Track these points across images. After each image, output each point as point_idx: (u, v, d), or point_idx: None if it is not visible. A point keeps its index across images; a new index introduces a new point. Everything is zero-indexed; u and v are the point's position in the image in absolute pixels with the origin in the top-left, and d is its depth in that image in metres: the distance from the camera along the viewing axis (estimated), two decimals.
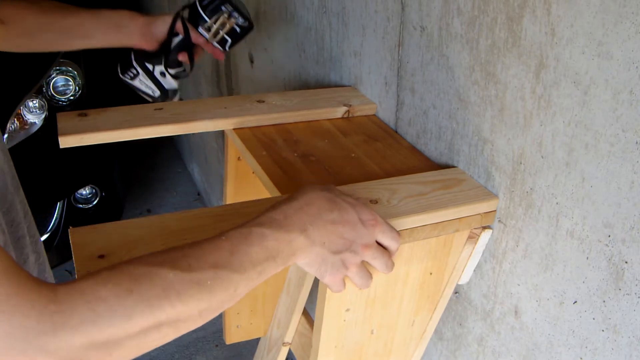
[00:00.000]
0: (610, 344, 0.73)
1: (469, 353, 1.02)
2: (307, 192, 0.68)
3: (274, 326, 1.09)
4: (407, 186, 0.87)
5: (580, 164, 0.72)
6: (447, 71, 0.92)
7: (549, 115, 0.75)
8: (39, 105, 2.10)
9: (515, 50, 0.78)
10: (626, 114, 0.65)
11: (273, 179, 0.92)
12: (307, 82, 1.41)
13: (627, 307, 0.70)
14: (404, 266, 0.88)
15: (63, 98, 2.18)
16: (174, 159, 3.24)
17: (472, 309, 0.98)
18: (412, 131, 1.05)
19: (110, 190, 2.44)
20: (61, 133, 0.97)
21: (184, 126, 1.03)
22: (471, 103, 0.88)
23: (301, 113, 1.10)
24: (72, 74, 2.18)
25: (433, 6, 0.92)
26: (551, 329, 0.83)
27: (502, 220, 0.87)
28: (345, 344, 0.91)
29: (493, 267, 0.91)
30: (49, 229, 2.21)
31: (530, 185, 0.81)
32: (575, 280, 0.77)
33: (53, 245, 2.21)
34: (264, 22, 1.59)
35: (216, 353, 2.11)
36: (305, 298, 0.97)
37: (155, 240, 0.72)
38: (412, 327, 0.97)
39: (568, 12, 0.69)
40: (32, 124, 2.09)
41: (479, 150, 0.89)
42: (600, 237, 0.72)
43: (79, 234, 0.72)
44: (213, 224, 0.75)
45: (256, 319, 1.43)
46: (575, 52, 0.69)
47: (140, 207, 2.86)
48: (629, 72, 0.63)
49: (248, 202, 0.81)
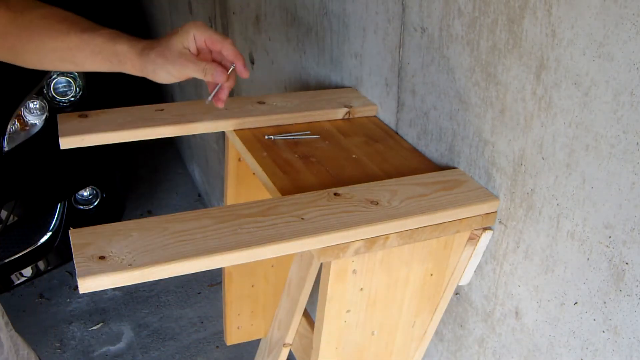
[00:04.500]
0: (611, 345, 0.73)
1: (469, 354, 1.02)
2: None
3: (275, 327, 1.09)
4: (407, 187, 0.87)
5: (581, 165, 0.72)
6: (448, 72, 0.92)
7: (550, 117, 0.75)
8: (39, 107, 2.10)
9: (516, 51, 0.78)
10: (627, 115, 0.65)
11: (273, 180, 0.92)
12: (307, 83, 1.41)
13: (627, 308, 0.70)
14: (404, 267, 0.88)
15: (64, 99, 2.18)
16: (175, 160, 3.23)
17: (473, 310, 0.98)
18: (412, 132, 1.05)
19: (111, 191, 2.44)
20: (62, 134, 0.97)
21: (184, 127, 1.03)
22: (472, 104, 0.88)
23: (302, 114, 1.10)
24: (73, 75, 2.18)
25: (434, 7, 0.92)
26: (552, 330, 0.82)
27: (503, 221, 0.87)
28: (346, 345, 0.90)
29: (494, 268, 0.91)
30: (49, 230, 2.21)
31: (531, 187, 0.81)
32: (575, 282, 0.77)
33: (53, 246, 2.21)
34: (264, 24, 1.59)
35: (217, 354, 2.10)
36: (306, 299, 0.97)
37: (155, 241, 0.71)
38: (412, 328, 0.97)
39: (569, 13, 0.69)
40: (33, 125, 2.09)
41: (480, 151, 0.89)
42: (601, 239, 0.72)
43: (79, 235, 0.72)
44: (213, 225, 0.75)
45: (257, 320, 1.43)
46: (576, 53, 0.69)
47: (141, 208, 2.86)
48: (630, 74, 0.63)
49: (248, 203, 0.81)
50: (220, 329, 2.20)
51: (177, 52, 0.84)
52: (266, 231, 0.75)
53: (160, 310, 2.29)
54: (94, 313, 2.28)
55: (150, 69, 0.85)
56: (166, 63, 0.84)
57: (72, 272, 2.47)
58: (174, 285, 2.40)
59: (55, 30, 0.85)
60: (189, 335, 2.18)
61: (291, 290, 0.98)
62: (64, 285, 2.41)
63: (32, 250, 2.17)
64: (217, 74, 0.85)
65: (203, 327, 2.21)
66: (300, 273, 0.93)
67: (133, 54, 0.84)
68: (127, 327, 2.21)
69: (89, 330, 2.20)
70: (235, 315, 1.40)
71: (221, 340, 2.16)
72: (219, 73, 0.85)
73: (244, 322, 1.42)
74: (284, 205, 0.81)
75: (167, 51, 0.84)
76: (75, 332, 2.19)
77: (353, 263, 0.82)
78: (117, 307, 2.31)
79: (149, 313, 2.27)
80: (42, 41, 0.86)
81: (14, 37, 0.86)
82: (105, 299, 2.34)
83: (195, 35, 0.85)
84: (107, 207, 2.42)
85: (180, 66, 0.84)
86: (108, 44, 0.85)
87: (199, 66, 0.84)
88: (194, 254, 0.70)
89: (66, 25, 0.86)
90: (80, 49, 0.86)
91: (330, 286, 0.82)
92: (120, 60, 0.85)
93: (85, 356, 2.09)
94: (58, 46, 0.86)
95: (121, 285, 0.67)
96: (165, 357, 2.09)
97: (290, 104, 1.14)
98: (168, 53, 0.84)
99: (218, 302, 2.30)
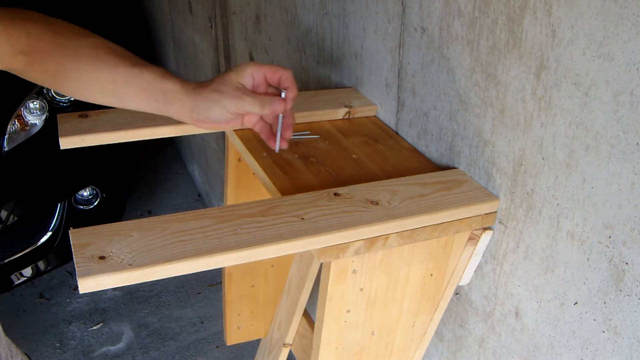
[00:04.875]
0: (611, 345, 0.73)
1: (469, 354, 1.02)
2: None
3: (275, 327, 1.09)
4: (407, 187, 0.87)
5: (581, 166, 0.72)
6: (448, 72, 0.92)
7: (550, 117, 0.75)
8: (39, 107, 2.10)
9: (516, 51, 0.78)
10: (627, 116, 0.65)
11: (273, 180, 0.92)
12: (307, 83, 1.41)
13: (627, 308, 0.70)
14: (404, 267, 0.88)
15: (64, 99, 2.18)
16: (175, 160, 3.24)
17: (473, 310, 0.98)
18: (412, 132, 1.05)
19: (111, 191, 2.44)
20: (62, 134, 0.97)
21: (184, 127, 1.03)
22: (472, 104, 0.88)
23: (302, 114, 1.10)
24: None
25: (434, 7, 0.92)
26: (552, 330, 0.82)
27: (503, 221, 0.87)
28: (346, 345, 0.90)
29: (494, 268, 0.91)
30: (49, 230, 2.21)
31: (531, 187, 0.81)
32: (576, 282, 0.77)
33: (53, 246, 2.21)
34: (264, 24, 1.59)
35: (217, 354, 2.10)
36: (306, 299, 0.97)
37: (155, 241, 0.72)
38: (412, 328, 0.97)
39: (569, 13, 0.69)
40: (33, 125, 2.09)
41: (480, 151, 0.89)
42: (601, 239, 0.72)
43: (79, 235, 0.72)
44: (213, 225, 0.75)
45: (257, 320, 1.43)
46: (576, 53, 0.69)
47: (140, 208, 2.86)
48: (630, 74, 0.63)
49: (249, 203, 0.81)
50: (220, 329, 2.20)
51: (233, 87, 0.81)
52: (266, 231, 0.75)
53: (160, 310, 2.29)
54: (94, 313, 2.28)
55: (203, 106, 0.80)
56: (222, 98, 0.80)
57: (72, 272, 2.47)
58: (174, 285, 2.40)
59: (103, 62, 0.81)
60: (189, 335, 2.18)
61: (291, 290, 0.98)
62: (64, 285, 2.42)
63: (32, 250, 2.17)
64: (275, 103, 0.81)
65: (203, 327, 2.21)
66: (300, 273, 0.93)
67: (183, 92, 0.81)
68: (127, 327, 2.21)
69: (89, 330, 2.20)
70: (235, 315, 1.40)
71: (221, 340, 2.16)
72: (277, 102, 0.81)
73: (244, 322, 1.42)
74: (284, 205, 0.81)
75: (223, 86, 0.81)
76: (75, 332, 2.19)
77: (353, 263, 0.83)
78: (117, 307, 2.31)
79: (149, 313, 2.28)
80: (87, 71, 0.82)
81: (57, 62, 0.82)
82: (105, 299, 2.34)
83: (254, 72, 0.82)
84: (107, 207, 2.42)
85: (237, 99, 0.80)
86: (157, 80, 0.81)
87: (256, 99, 0.81)
88: (194, 254, 0.70)
89: (115, 57, 0.82)
90: (126, 83, 0.82)
91: (330, 286, 0.83)
92: (168, 99, 0.81)
93: (85, 356, 2.09)
94: (103, 78, 0.82)
95: (121, 285, 0.67)
96: (165, 357, 2.09)
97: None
98: (223, 88, 0.81)
99: (218, 302, 2.30)
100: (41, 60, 0.82)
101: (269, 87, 0.84)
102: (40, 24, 0.82)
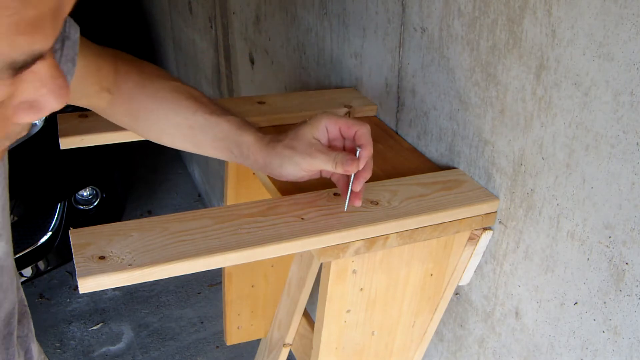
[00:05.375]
0: (611, 345, 0.73)
1: (469, 354, 1.02)
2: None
3: (275, 327, 1.09)
4: (407, 187, 0.87)
5: (580, 166, 0.72)
6: (448, 72, 0.92)
7: (550, 117, 0.75)
8: None
9: (515, 51, 0.78)
10: (627, 116, 0.65)
11: (273, 180, 0.92)
12: (307, 83, 1.41)
13: (627, 308, 0.70)
14: (404, 267, 0.88)
15: None
16: (175, 160, 3.24)
17: (473, 310, 0.98)
18: (412, 132, 1.05)
19: (111, 191, 2.44)
20: (62, 134, 0.97)
21: None
22: (472, 104, 0.88)
23: (302, 114, 1.10)
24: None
25: (434, 7, 0.92)
26: (552, 330, 0.82)
27: (503, 221, 0.87)
28: (346, 346, 0.90)
29: (494, 268, 0.91)
30: (49, 230, 2.21)
31: (531, 187, 0.81)
32: (575, 282, 0.77)
33: (53, 246, 2.21)
34: (264, 24, 1.59)
35: (217, 354, 2.11)
36: (306, 299, 0.97)
37: (155, 241, 0.72)
38: (412, 329, 0.97)
39: (569, 13, 0.69)
40: (33, 125, 2.09)
41: (480, 151, 0.89)
42: (601, 239, 0.72)
43: (79, 235, 0.72)
44: (213, 225, 0.75)
45: (257, 320, 1.43)
46: (576, 53, 0.69)
47: (140, 208, 2.86)
48: (630, 74, 0.63)
49: (248, 203, 0.81)
50: (220, 329, 2.20)
51: (307, 143, 0.77)
52: (266, 231, 0.75)
53: (160, 310, 2.29)
54: (94, 313, 2.28)
55: (277, 163, 0.78)
56: (295, 155, 0.77)
57: (72, 272, 2.47)
58: (174, 285, 2.40)
59: (182, 107, 0.80)
60: (189, 335, 2.18)
61: (291, 290, 0.98)
62: (64, 285, 2.42)
63: (32, 250, 2.17)
64: (348, 163, 0.75)
65: (203, 327, 2.21)
66: (300, 273, 0.93)
67: (257, 148, 0.79)
68: (127, 327, 2.21)
69: (89, 330, 2.20)
70: (235, 315, 1.40)
71: (221, 340, 2.16)
72: (349, 163, 0.75)
73: (244, 322, 1.42)
74: (284, 205, 0.81)
75: (296, 142, 0.77)
76: (75, 332, 2.19)
77: (353, 263, 0.83)
78: (117, 307, 2.31)
79: (149, 313, 2.28)
80: (166, 115, 0.81)
81: (137, 103, 0.81)
82: (105, 299, 2.34)
83: (328, 126, 0.78)
84: (107, 207, 2.42)
85: (310, 157, 0.76)
86: (234, 131, 0.79)
87: (329, 156, 0.76)
88: (194, 254, 0.70)
89: (194, 103, 0.81)
90: (203, 131, 0.80)
91: (330, 286, 0.83)
92: (243, 152, 0.80)
93: (85, 356, 2.09)
94: (182, 123, 0.80)
95: (121, 285, 0.67)
96: (165, 357, 2.09)
97: (290, 104, 1.14)
98: (296, 144, 0.77)
99: (218, 302, 2.30)
100: (125, 100, 0.81)
101: (346, 141, 0.80)
102: (127, 63, 0.81)
